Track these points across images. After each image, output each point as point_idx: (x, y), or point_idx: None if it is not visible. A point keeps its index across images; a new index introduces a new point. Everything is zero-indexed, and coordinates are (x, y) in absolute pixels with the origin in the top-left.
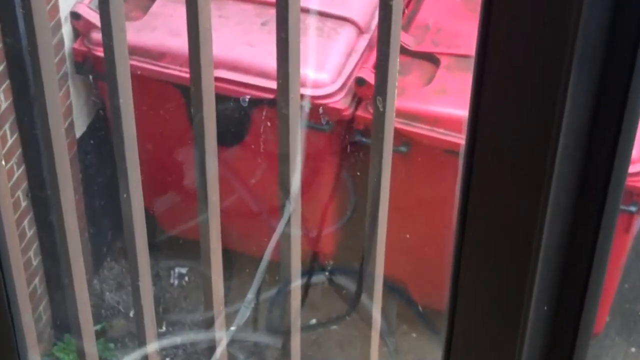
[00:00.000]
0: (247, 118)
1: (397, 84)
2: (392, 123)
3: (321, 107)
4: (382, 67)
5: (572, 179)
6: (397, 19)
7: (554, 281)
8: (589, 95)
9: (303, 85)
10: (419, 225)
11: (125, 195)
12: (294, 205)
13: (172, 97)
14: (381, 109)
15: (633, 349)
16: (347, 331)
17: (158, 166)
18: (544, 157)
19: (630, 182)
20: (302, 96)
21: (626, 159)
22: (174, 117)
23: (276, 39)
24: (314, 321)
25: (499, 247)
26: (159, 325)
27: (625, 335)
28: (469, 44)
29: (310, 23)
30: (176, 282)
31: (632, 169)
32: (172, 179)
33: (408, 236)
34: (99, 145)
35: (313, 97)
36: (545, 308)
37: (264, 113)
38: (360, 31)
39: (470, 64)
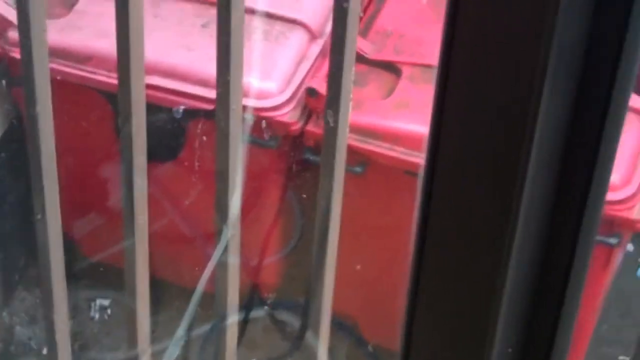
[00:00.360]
0: (182, 131)
1: (351, 96)
2: (345, 140)
3: (266, 120)
4: (335, 77)
5: (544, 203)
6: (353, 23)
7: (520, 320)
8: (564, 110)
9: (247, 95)
10: (373, 255)
11: (39, 216)
12: (232, 231)
13: (98, 105)
14: (331, 125)
15: None
16: None
17: (80, 184)
18: (513, 179)
19: (611, 210)
20: (245, 107)
21: (605, 180)
22: (100, 129)
23: (216, 43)
24: None
25: (459, 280)
26: None
27: None
28: (436, 53)
29: (257, 26)
30: (97, 315)
31: (614, 196)
32: (96, 199)
33: (360, 267)
34: (12, 160)
35: (258, 109)
36: (510, 350)
37: (201, 126)
38: (313, 36)
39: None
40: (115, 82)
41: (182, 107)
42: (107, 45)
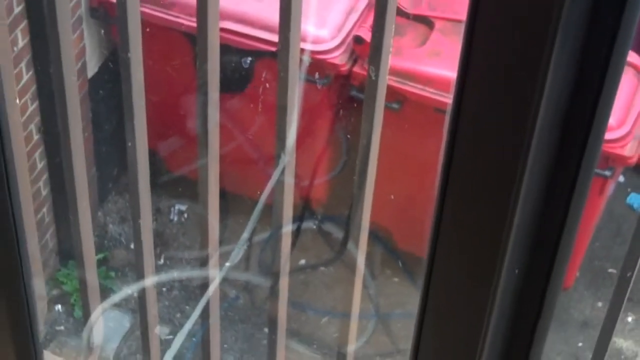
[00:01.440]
0: (250, 69)
1: (391, 47)
2: (385, 81)
3: (320, 62)
4: (378, 28)
5: (551, 142)
6: None
7: (526, 245)
8: (571, 62)
9: (305, 40)
10: (407, 177)
11: (130, 144)
12: (288, 157)
13: (181, 45)
14: (373, 78)
15: (600, 303)
16: (334, 273)
17: (168, 111)
18: (526, 118)
19: (607, 148)
20: (302, 50)
21: (604, 123)
22: (183, 65)
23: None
24: (303, 261)
25: (477, 205)
26: (158, 259)
27: (593, 290)
28: (465, 9)
29: None
30: (176, 218)
31: (610, 135)
32: (179, 124)
33: (396, 187)
34: (111, 84)
35: (313, 52)
36: (517, 271)
37: (266, 65)
38: None
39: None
40: (195, 25)
41: (251, 49)
42: None
